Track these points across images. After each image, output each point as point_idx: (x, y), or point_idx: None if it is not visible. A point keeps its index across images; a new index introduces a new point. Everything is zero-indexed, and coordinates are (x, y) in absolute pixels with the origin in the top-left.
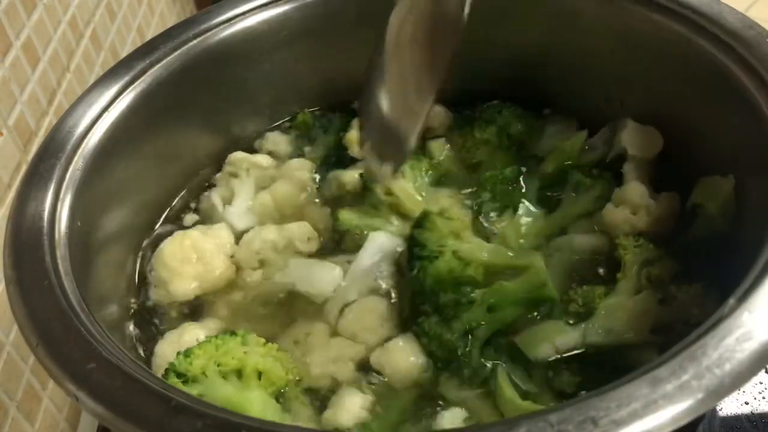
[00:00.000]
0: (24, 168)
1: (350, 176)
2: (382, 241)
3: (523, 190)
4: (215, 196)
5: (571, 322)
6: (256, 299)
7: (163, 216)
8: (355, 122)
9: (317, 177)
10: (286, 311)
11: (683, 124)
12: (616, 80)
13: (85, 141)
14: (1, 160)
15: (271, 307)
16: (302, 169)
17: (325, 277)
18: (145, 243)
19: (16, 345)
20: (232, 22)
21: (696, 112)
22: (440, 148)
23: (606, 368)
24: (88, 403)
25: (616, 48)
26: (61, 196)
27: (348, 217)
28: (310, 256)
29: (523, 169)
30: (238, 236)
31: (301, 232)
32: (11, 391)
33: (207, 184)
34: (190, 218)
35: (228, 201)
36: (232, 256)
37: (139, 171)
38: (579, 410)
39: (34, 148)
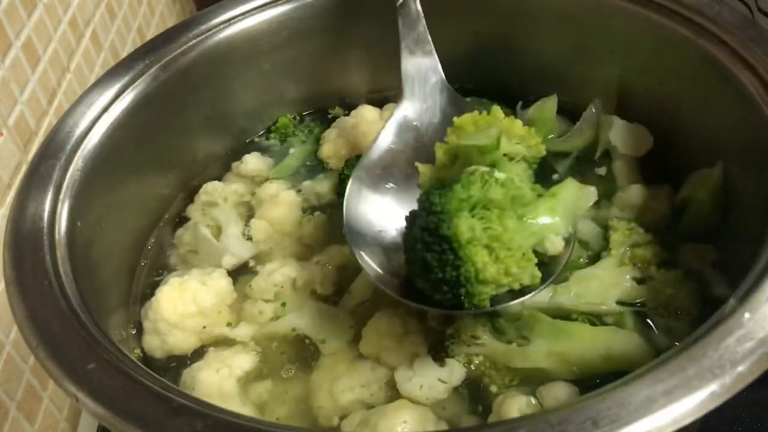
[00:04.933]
0: (24, 168)
1: (326, 187)
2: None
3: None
4: (203, 229)
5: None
6: (266, 336)
7: (165, 217)
8: (330, 133)
9: (300, 191)
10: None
11: (680, 122)
12: (616, 79)
13: (85, 141)
14: (1, 160)
15: (283, 344)
16: (283, 189)
17: (338, 330)
18: (146, 243)
19: (16, 345)
20: (232, 22)
21: (694, 110)
22: None
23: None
24: (88, 404)
25: (615, 48)
26: (61, 196)
27: None
28: (326, 299)
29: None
30: (239, 268)
31: (323, 275)
32: (11, 391)
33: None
34: (175, 258)
35: (214, 231)
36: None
37: (139, 171)
38: (579, 411)
39: (34, 148)
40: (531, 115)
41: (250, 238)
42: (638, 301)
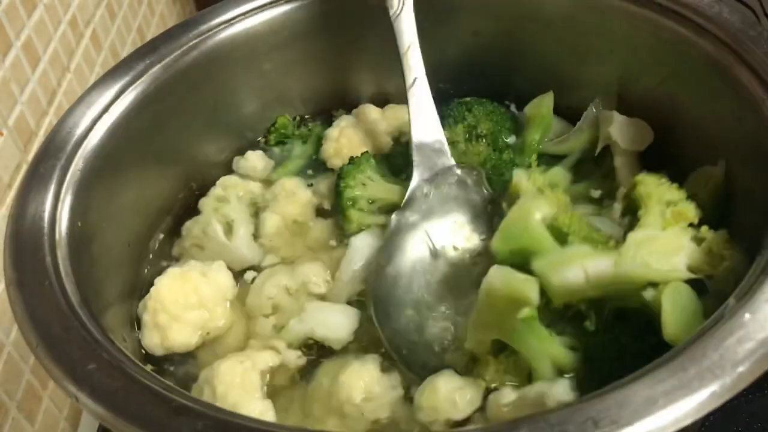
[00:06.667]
0: (24, 168)
1: (327, 187)
2: (362, 246)
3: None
4: (216, 226)
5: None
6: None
7: (165, 218)
8: (332, 132)
9: (312, 190)
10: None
11: (680, 122)
12: (616, 80)
13: (86, 142)
14: (1, 160)
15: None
16: (299, 187)
17: (343, 322)
18: (146, 244)
19: (16, 345)
20: (232, 22)
21: (694, 110)
22: None
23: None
24: (89, 404)
25: (615, 48)
26: (62, 196)
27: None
28: (323, 297)
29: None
30: (242, 271)
31: (315, 273)
32: (11, 391)
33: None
34: (178, 250)
35: (225, 227)
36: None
37: (139, 171)
38: (579, 411)
39: (34, 148)
40: (527, 113)
41: (258, 238)
42: (701, 265)
